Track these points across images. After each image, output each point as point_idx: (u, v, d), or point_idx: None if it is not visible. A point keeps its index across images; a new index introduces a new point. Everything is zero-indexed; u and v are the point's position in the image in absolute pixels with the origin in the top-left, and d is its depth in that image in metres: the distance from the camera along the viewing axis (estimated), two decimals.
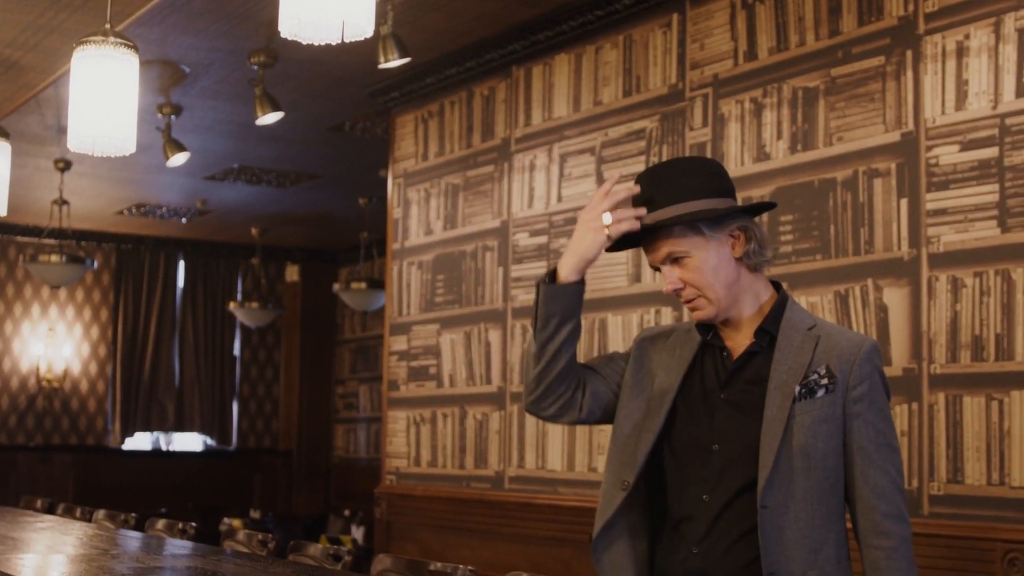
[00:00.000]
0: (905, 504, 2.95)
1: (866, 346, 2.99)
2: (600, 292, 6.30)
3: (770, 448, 2.90)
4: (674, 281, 3.00)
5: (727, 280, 3.01)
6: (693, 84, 5.93)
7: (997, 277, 4.59)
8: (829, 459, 2.93)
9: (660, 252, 3.01)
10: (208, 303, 15.17)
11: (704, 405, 3.05)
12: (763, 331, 3.02)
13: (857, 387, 2.94)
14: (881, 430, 2.96)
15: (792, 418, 2.91)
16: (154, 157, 9.54)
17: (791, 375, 2.95)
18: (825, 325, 3.06)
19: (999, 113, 4.64)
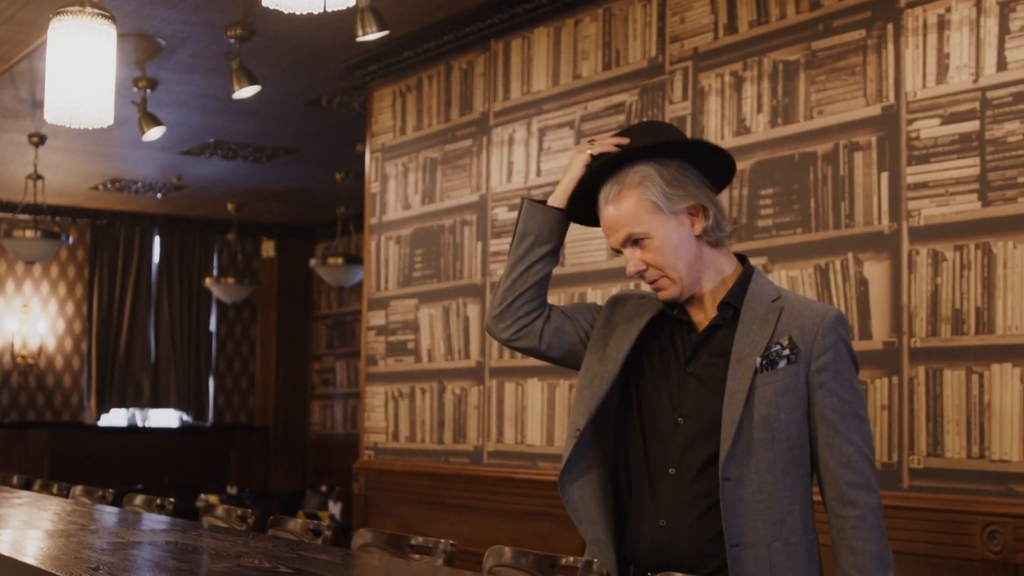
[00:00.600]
0: (873, 474, 2.94)
1: (830, 316, 2.98)
2: (580, 267, 6.29)
3: (731, 420, 2.90)
4: (636, 263, 3.00)
5: (689, 258, 3.00)
6: (673, 57, 5.91)
7: (977, 251, 4.59)
8: (792, 430, 2.93)
9: (620, 234, 3.00)
10: (184, 279, 15.11)
11: (670, 379, 3.05)
12: (727, 304, 3.02)
13: (820, 357, 2.94)
14: (846, 400, 2.95)
15: (754, 390, 2.91)
16: (129, 131, 9.48)
17: (753, 347, 2.95)
18: (790, 296, 3.06)
19: (980, 86, 4.63)
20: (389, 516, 7.62)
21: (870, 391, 4.91)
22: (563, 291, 6.37)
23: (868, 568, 2.92)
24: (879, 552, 2.92)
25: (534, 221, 3.10)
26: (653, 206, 2.97)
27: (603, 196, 3.03)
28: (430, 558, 3.68)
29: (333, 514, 11.38)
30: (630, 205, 2.98)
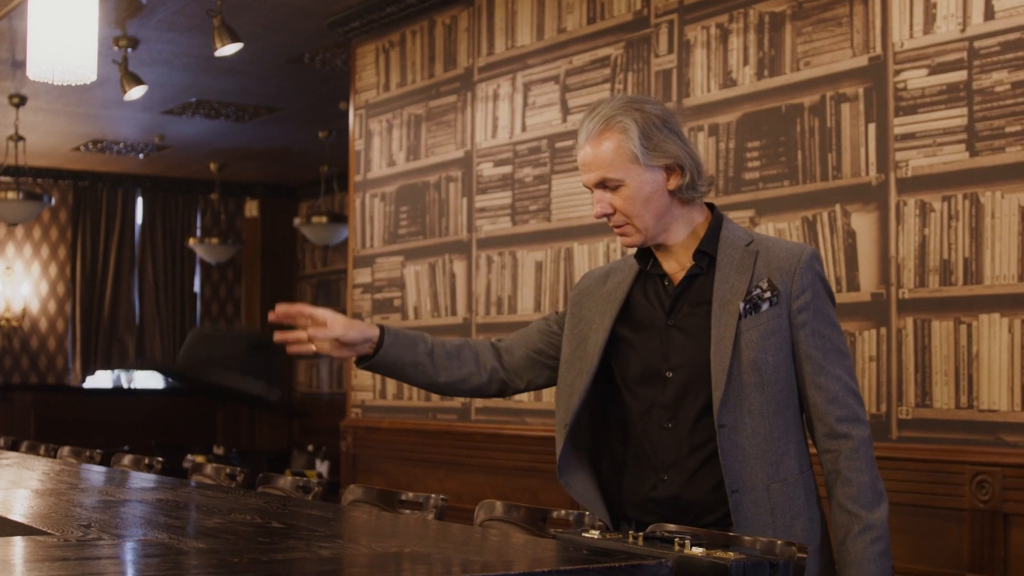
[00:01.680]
0: (860, 407, 2.97)
1: (805, 255, 3.00)
2: (566, 222, 6.27)
3: (721, 367, 2.92)
4: (604, 207, 3.01)
5: (658, 211, 3.01)
6: (658, 10, 5.87)
7: (965, 201, 4.58)
8: (780, 371, 2.96)
9: (594, 176, 3.00)
10: (167, 239, 15.06)
11: (652, 334, 3.06)
12: (701, 253, 3.04)
13: (800, 297, 2.96)
14: (828, 336, 2.98)
15: (739, 335, 2.94)
16: (110, 91, 9.43)
17: (734, 293, 2.97)
18: (763, 239, 3.08)
19: (967, 36, 4.61)
20: (377, 473, 7.62)
21: (858, 342, 4.91)
22: (551, 246, 6.36)
23: (862, 498, 2.95)
24: (872, 482, 2.96)
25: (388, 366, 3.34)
26: (631, 155, 2.97)
27: (584, 129, 3.03)
28: (421, 512, 3.68)
29: (320, 473, 11.40)
30: (609, 149, 2.98)
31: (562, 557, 2.28)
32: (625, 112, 3.00)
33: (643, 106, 3.03)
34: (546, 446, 6.20)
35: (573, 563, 2.18)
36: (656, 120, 3.02)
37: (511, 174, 6.68)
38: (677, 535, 2.66)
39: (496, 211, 6.77)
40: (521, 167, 6.61)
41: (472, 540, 2.54)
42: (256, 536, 2.53)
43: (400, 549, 2.40)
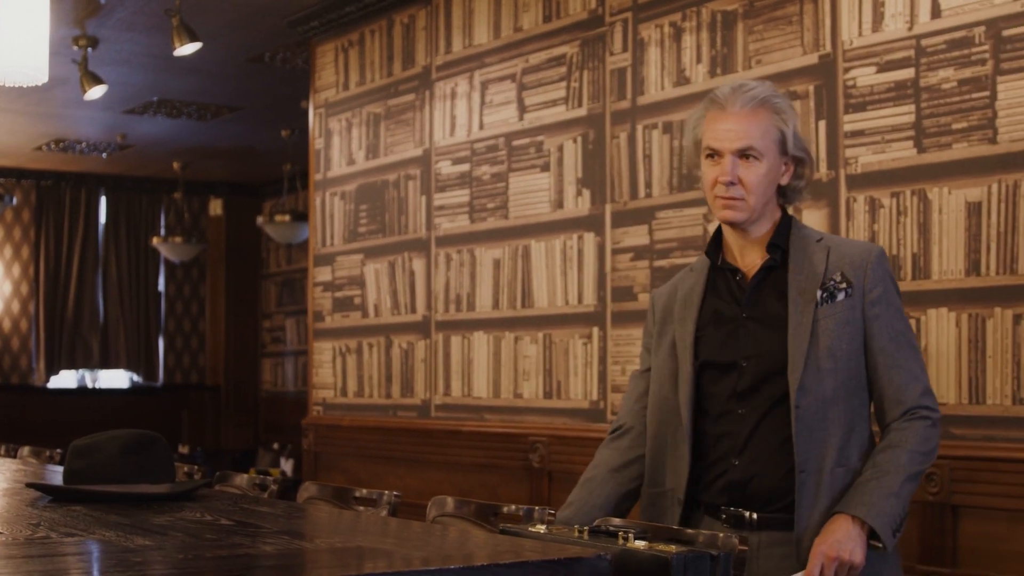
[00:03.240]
0: (930, 398, 3.11)
1: (875, 252, 3.14)
2: (523, 219, 6.31)
3: (799, 352, 3.05)
4: (733, 174, 3.11)
5: (767, 196, 3.16)
6: (613, 9, 5.92)
7: (913, 197, 4.64)
8: (852, 360, 3.08)
9: (739, 143, 3.10)
10: (131, 239, 15.04)
11: (728, 327, 3.19)
12: (774, 246, 3.16)
13: (872, 290, 3.09)
14: (900, 330, 3.12)
15: (816, 322, 3.06)
16: (71, 91, 9.42)
17: (810, 282, 3.10)
18: (832, 237, 3.24)
19: (915, 34, 4.67)
20: (338, 471, 7.65)
21: None
22: (508, 243, 6.39)
23: (901, 452, 3.05)
24: (919, 445, 3.06)
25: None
26: (781, 137, 3.13)
27: (737, 100, 3.14)
28: (375, 509, 3.71)
29: (284, 471, 11.42)
30: (764, 124, 3.12)
31: (503, 551, 2.31)
32: (781, 98, 3.17)
33: (787, 99, 3.24)
34: (504, 442, 6.24)
35: (514, 557, 2.22)
36: (797, 119, 3.22)
37: (469, 172, 6.72)
38: (622, 528, 2.70)
39: (454, 209, 6.80)
40: (479, 165, 6.65)
41: (415, 535, 2.57)
42: (203, 533, 2.56)
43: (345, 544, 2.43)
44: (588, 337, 5.92)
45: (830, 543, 2.97)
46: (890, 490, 3.00)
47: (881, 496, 2.99)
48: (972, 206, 4.45)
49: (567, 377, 6.02)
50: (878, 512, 2.98)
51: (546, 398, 6.10)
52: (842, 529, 2.98)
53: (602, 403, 5.80)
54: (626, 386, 5.62)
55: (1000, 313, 4.37)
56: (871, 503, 2.99)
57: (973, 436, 4.43)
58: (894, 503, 3.00)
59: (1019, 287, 4.32)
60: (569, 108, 6.09)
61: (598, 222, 5.90)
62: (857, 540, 2.97)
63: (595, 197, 5.92)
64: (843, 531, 2.98)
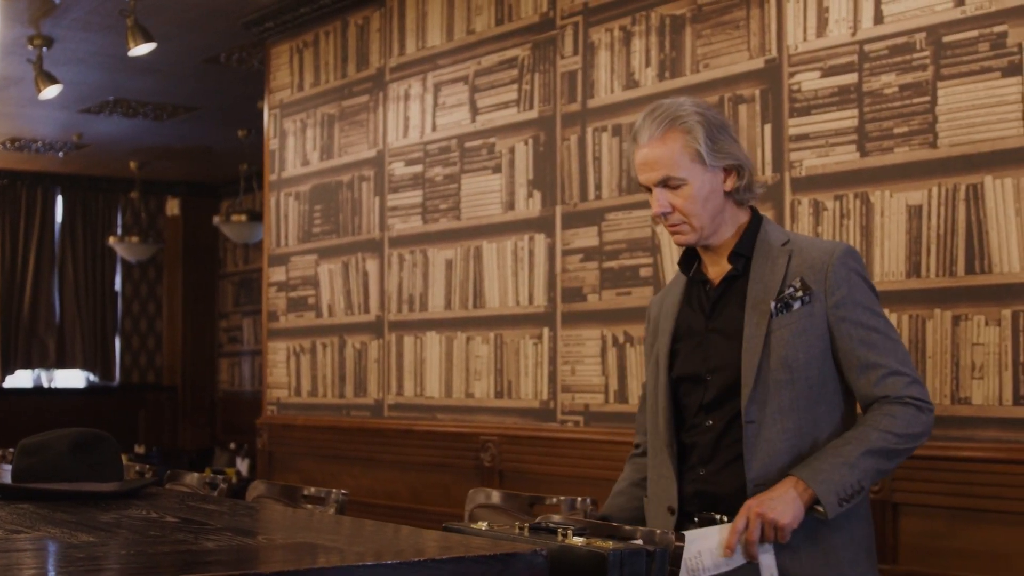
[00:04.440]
0: (919, 389, 3.09)
1: (838, 252, 3.10)
2: (475, 220, 6.36)
3: (751, 365, 3.03)
4: (664, 205, 3.11)
5: (714, 211, 3.13)
6: (564, 12, 5.97)
7: (856, 200, 4.71)
8: (812, 368, 3.05)
9: (656, 174, 3.11)
10: (88, 238, 15.00)
11: (695, 340, 3.20)
12: (736, 255, 3.15)
13: (835, 293, 3.06)
14: (872, 327, 3.07)
15: (771, 334, 3.04)
16: (26, 90, 9.41)
17: (767, 292, 3.08)
18: (799, 239, 3.18)
19: (858, 40, 4.74)
20: (292, 470, 7.68)
21: None
22: (460, 244, 6.44)
23: (870, 429, 3.03)
24: (894, 426, 3.03)
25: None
26: (696, 155, 3.10)
27: (646, 130, 3.13)
28: (322, 508, 3.75)
29: (240, 470, 11.43)
30: (674, 149, 3.10)
31: (443, 547, 2.36)
32: (689, 114, 3.12)
33: (703, 109, 3.16)
34: (456, 441, 6.29)
35: (451, 552, 2.27)
36: (717, 122, 3.16)
37: (422, 173, 6.76)
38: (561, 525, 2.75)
39: (407, 210, 6.84)
40: (432, 166, 6.69)
41: (356, 531, 2.62)
42: (147, 530, 2.60)
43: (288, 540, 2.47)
44: (539, 337, 5.98)
45: (761, 499, 2.97)
46: (845, 459, 2.98)
47: (833, 464, 2.98)
48: (913, 209, 4.53)
49: (518, 377, 6.07)
50: (825, 478, 2.96)
51: (497, 398, 6.15)
52: (779, 489, 2.98)
53: (552, 403, 5.85)
54: (575, 386, 5.69)
55: (940, 314, 4.45)
56: (819, 468, 2.98)
57: None
58: (846, 472, 2.97)
59: (958, 289, 4.39)
60: (520, 110, 6.15)
61: (549, 223, 5.95)
62: (791, 502, 2.96)
63: (546, 199, 5.98)
64: (780, 491, 2.98)
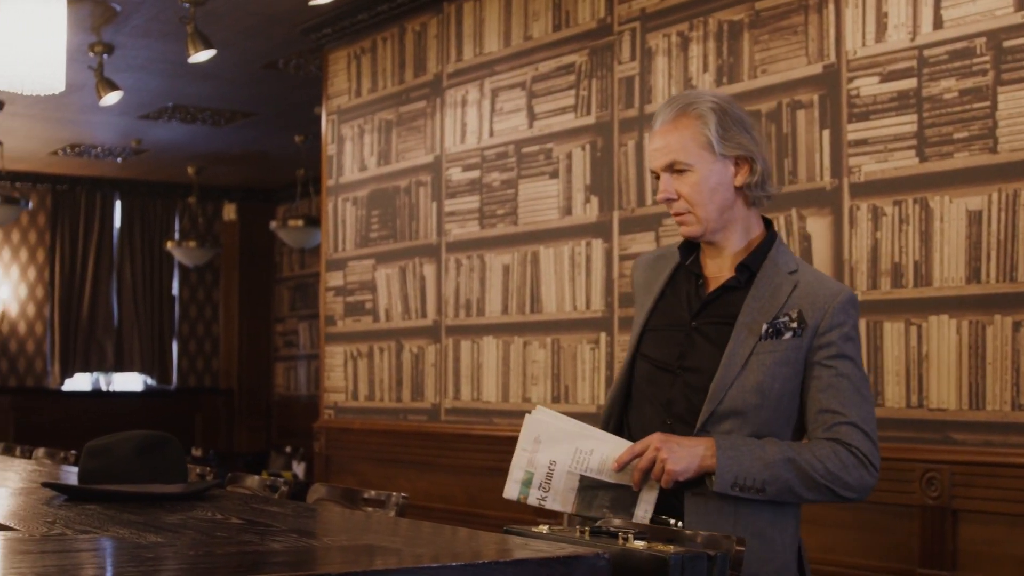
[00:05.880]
0: (871, 448, 2.93)
1: (842, 296, 2.99)
2: (532, 225, 6.38)
3: (723, 382, 2.95)
4: (669, 191, 3.04)
5: (722, 204, 3.04)
6: (621, 18, 5.99)
7: (915, 205, 4.70)
8: (783, 401, 2.96)
9: (665, 159, 3.04)
10: (145, 243, 15.13)
11: (675, 331, 3.09)
12: (744, 267, 3.05)
13: (826, 335, 2.95)
14: (848, 375, 2.96)
15: (753, 355, 2.95)
16: (87, 96, 9.51)
17: (762, 314, 2.98)
18: (807, 272, 3.07)
19: (917, 45, 4.73)
20: (349, 473, 7.72)
21: None
22: (517, 249, 6.46)
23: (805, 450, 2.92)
24: (830, 462, 2.91)
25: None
26: (706, 142, 3.01)
27: (661, 116, 3.07)
28: (383, 510, 3.77)
29: (296, 473, 11.49)
30: (684, 134, 3.02)
31: (506, 549, 2.38)
32: (704, 101, 3.05)
33: (722, 100, 3.08)
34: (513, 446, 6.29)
35: (516, 555, 2.28)
36: (734, 114, 3.06)
37: (479, 178, 6.79)
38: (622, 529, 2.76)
39: (464, 215, 6.88)
40: (489, 172, 6.72)
41: (415, 533, 2.64)
42: (214, 531, 2.63)
43: (353, 542, 2.50)
44: (596, 342, 5.99)
45: (670, 440, 2.87)
46: (765, 456, 2.89)
47: (751, 453, 2.89)
48: (973, 214, 4.51)
49: (575, 381, 6.09)
50: (735, 458, 2.87)
51: (554, 402, 6.17)
52: (692, 441, 2.89)
53: None
54: None
55: (1000, 320, 4.43)
56: (737, 448, 2.89)
57: (973, 441, 4.49)
58: (758, 468, 2.88)
59: (1018, 294, 4.38)
60: (578, 116, 6.16)
61: (606, 229, 5.97)
62: (693, 458, 2.87)
63: (603, 204, 5.99)
64: (690, 443, 2.89)
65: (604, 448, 2.91)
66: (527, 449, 2.88)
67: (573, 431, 2.89)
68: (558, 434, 2.87)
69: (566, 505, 2.93)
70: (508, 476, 2.90)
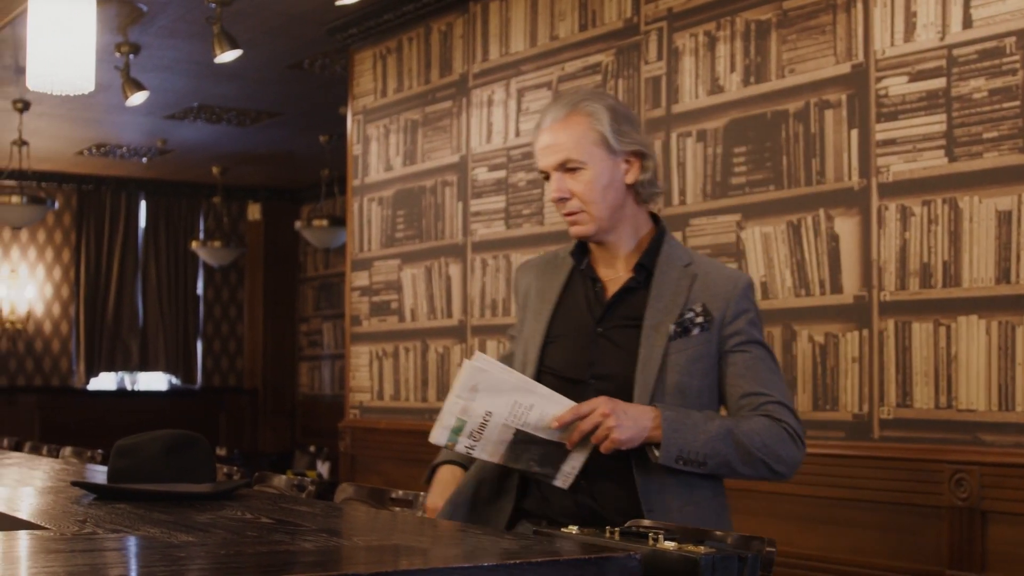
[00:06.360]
0: (794, 419, 2.96)
1: (742, 283, 3.02)
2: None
3: (645, 388, 2.92)
4: (563, 190, 3.00)
5: (614, 202, 3.02)
6: (648, 18, 5.98)
7: (944, 206, 4.68)
8: (704, 396, 2.97)
9: (557, 157, 2.98)
10: (170, 242, 15.17)
11: (580, 337, 3.06)
12: (641, 266, 3.03)
13: (733, 323, 2.97)
14: (762, 358, 2.99)
15: (667, 356, 2.94)
16: (113, 96, 9.53)
17: (667, 313, 2.97)
18: (701, 262, 3.07)
19: (946, 44, 4.71)
20: (374, 473, 7.72)
21: (841, 344, 5.01)
22: (544, 249, 6.45)
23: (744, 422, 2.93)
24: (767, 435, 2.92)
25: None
26: (599, 138, 2.98)
27: (549, 115, 3.02)
28: (410, 510, 3.77)
29: (321, 473, 11.50)
30: (576, 131, 2.98)
31: (536, 550, 2.37)
32: (593, 99, 3.03)
33: (611, 98, 3.08)
34: None
35: (545, 555, 2.28)
36: (623, 111, 3.06)
37: (505, 178, 6.79)
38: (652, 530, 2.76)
39: (490, 215, 6.87)
40: (515, 172, 6.72)
41: (448, 534, 2.64)
42: (244, 531, 2.63)
43: (382, 542, 2.50)
44: None
45: (617, 408, 2.82)
46: (708, 429, 2.87)
47: (694, 425, 2.86)
48: (1003, 215, 4.49)
49: None
50: (679, 429, 2.84)
51: None
52: (639, 411, 2.84)
53: None
54: None
55: None
56: (680, 419, 2.85)
57: (1002, 443, 4.47)
58: (702, 440, 2.86)
59: None
60: None
61: None
62: (639, 430, 2.82)
63: None
64: (637, 412, 2.84)
65: (544, 404, 2.84)
66: (462, 397, 2.81)
67: (513, 383, 2.82)
68: (498, 384, 2.80)
69: (494, 456, 2.89)
70: (437, 421, 2.84)
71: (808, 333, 5.15)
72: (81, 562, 2.20)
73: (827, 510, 4.99)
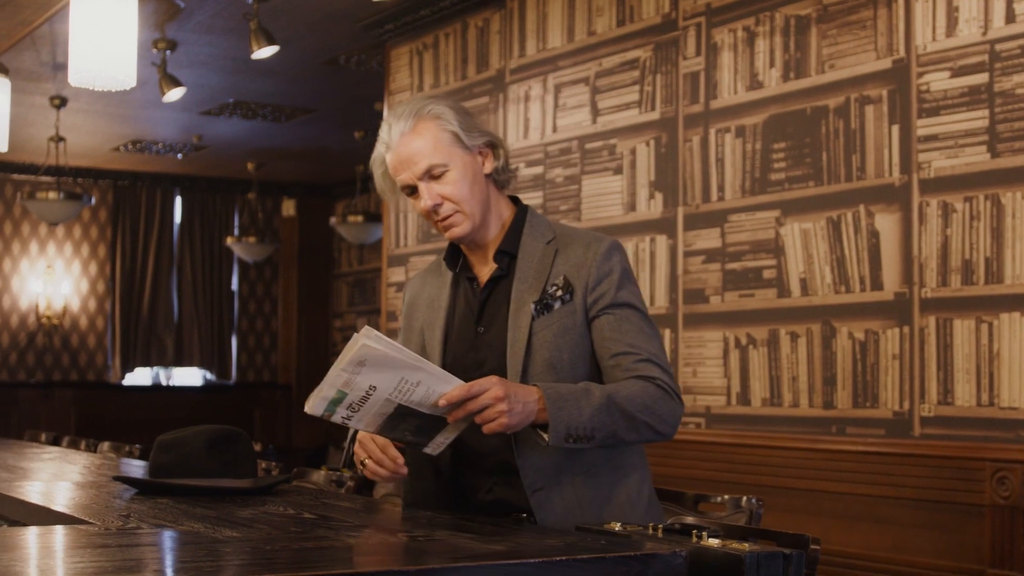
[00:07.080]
0: (668, 377, 2.93)
1: (602, 247, 2.98)
2: (596, 221, 6.36)
3: (515, 371, 2.93)
4: (434, 197, 2.96)
5: (482, 196, 3.02)
6: (686, 13, 5.96)
7: (987, 202, 4.65)
8: (578, 368, 2.95)
9: (419, 167, 2.96)
10: (205, 238, 15.21)
11: (467, 341, 3.07)
12: (502, 253, 3.03)
13: (596, 288, 2.96)
14: (628, 317, 2.96)
15: (533, 336, 2.94)
16: (150, 93, 9.56)
17: (529, 294, 2.97)
18: (564, 233, 3.05)
19: (989, 39, 4.68)
20: None
21: (882, 341, 4.98)
22: None
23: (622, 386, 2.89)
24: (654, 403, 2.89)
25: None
26: (453, 138, 2.97)
27: (394, 131, 3.00)
28: None
29: None
30: (430, 137, 2.96)
31: (580, 546, 2.37)
32: (433, 103, 3.01)
33: (444, 98, 3.06)
34: None
35: (591, 552, 2.27)
36: (461, 107, 3.05)
37: (543, 174, 6.78)
38: (695, 527, 2.75)
39: None
40: (552, 167, 6.71)
41: (496, 530, 2.63)
42: (288, 526, 2.63)
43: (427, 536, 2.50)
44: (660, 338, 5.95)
45: (510, 393, 2.74)
46: (591, 402, 2.82)
47: (576, 401, 2.80)
48: None
49: None
50: (563, 407, 2.79)
51: None
52: (525, 392, 2.78)
53: None
54: (697, 388, 5.67)
55: None
56: (563, 397, 2.80)
57: None
58: (587, 415, 2.81)
59: None
60: (642, 111, 6.14)
61: (670, 225, 5.94)
62: (527, 414, 2.77)
63: (667, 200, 5.96)
64: (524, 394, 2.77)
65: (431, 382, 2.77)
66: (347, 371, 2.75)
67: (402, 360, 2.78)
68: (387, 361, 2.76)
69: (370, 427, 2.84)
70: (315, 392, 2.79)
71: (848, 330, 5.12)
72: (128, 557, 2.20)
73: (867, 508, 4.97)
